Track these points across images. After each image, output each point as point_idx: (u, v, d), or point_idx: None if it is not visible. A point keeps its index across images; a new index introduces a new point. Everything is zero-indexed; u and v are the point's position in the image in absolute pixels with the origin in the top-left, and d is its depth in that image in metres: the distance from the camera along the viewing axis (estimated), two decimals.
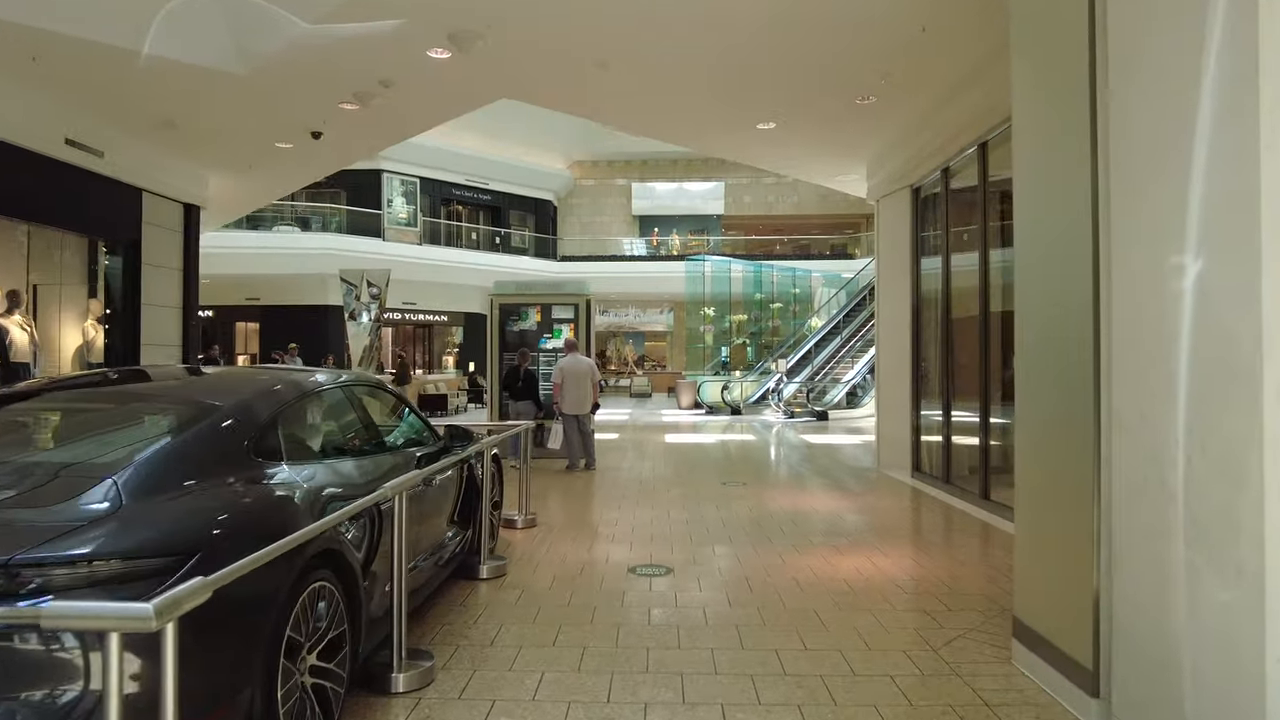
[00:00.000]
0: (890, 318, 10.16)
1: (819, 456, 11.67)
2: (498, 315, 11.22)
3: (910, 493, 8.60)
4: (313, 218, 26.14)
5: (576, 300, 11.16)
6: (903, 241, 9.73)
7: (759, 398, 21.05)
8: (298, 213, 26.21)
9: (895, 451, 9.91)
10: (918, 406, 9.48)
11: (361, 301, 20.52)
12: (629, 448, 12.69)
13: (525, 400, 10.49)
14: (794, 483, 9.31)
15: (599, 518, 7.24)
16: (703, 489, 8.72)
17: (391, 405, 4.74)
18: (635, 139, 29.57)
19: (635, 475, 9.74)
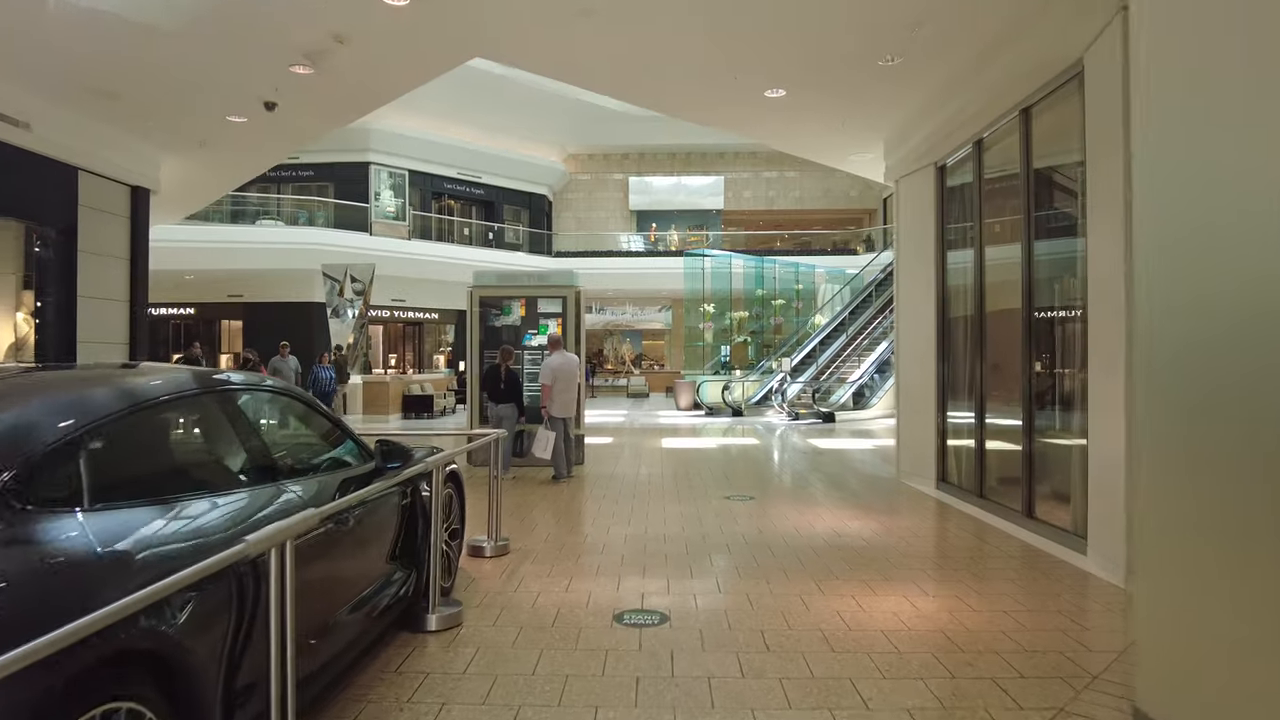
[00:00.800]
0: (911, 311, 9.10)
1: (830, 464, 10.61)
2: (477, 309, 10.16)
3: (938, 508, 7.54)
4: (300, 212, 25.07)
5: (564, 292, 10.10)
6: (925, 227, 8.67)
7: (761, 398, 19.99)
8: (283, 206, 25.15)
9: (917, 459, 8.85)
10: (944, 410, 8.43)
11: (345, 298, 19.49)
12: (623, 453, 11.62)
13: (507, 403, 9.43)
14: (805, 496, 8.25)
15: (583, 542, 6.18)
16: (703, 503, 7.66)
17: (303, 417, 3.66)
18: (632, 130, 28.54)
19: (628, 486, 8.67)
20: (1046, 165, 6.72)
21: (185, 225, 22.11)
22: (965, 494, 7.76)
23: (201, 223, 22.24)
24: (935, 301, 8.48)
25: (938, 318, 8.47)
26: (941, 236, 8.49)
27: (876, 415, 17.85)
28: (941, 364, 8.46)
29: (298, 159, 25.98)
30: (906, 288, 9.23)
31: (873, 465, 10.48)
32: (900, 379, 9.36)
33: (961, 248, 8.19)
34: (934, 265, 8.50)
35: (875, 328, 20.37)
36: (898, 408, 9.38)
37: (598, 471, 9.81)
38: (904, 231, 9.32)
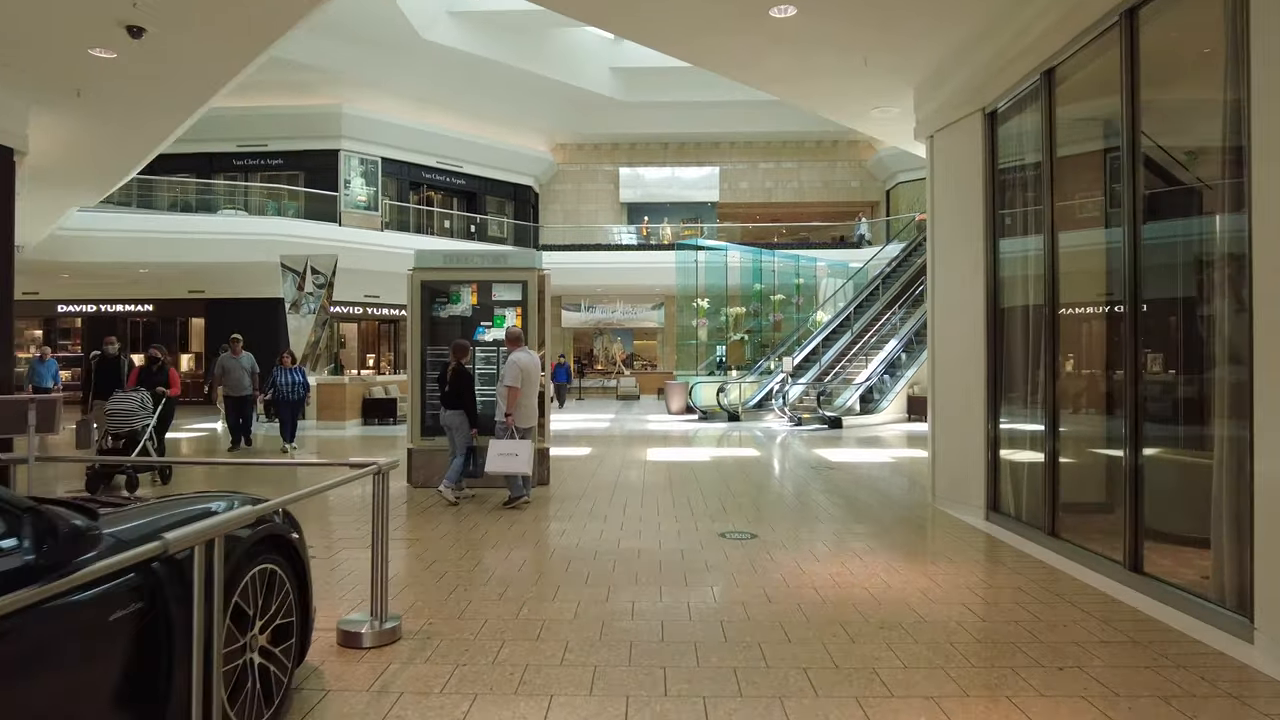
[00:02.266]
0: (951, 301, 7.24)
1: (845, 484, 8.74)
2: (419, 296, 8.28)
3: (995, 550, 5.67)
4: (269, 203, 23.15)
5: (524, 276, 8.23)
6: (970, 194, 6.82)
7: (759, 401, 18.14)
8: (250, 196, 23.22)
9: (959, 481, 7.00)
10: (995, 419, 6.57)
11: (305, 291, 17.59)
12: (599, 469, 9.74)
13: (456, 410, 7.57)
14: (821, 532, 6.37)
15: (514, 619, 4.30)
16: (690, 545, 5.79)
17: None
18: (622, 118, 26.68)
19: (596, 517, 6.80)
20: (1164, 99, 4.88)
21: (137, 214, 20.25)
22: (1029, 530, 5.90)
23: (155, 211, 20.39)
24: (984, 289, 6.62)
25: (988, 309, 6.61)
26: (992, 206, 6.63)
27: (886, 421, 16.00)
28: (993, 364, 6.61)
29: (266, 146, 24.17)
30: (944, 273, 7.37)
31: (897, 486, 8.62)
32: (935, 382, 7.51)
33: (1021, 221, 6.33)
34: (982, 244, 6.65)
35: (883, 324, 18.53)
36: (931, 416, 7.53)
37: (564, 493, 7.94)
38: (940, 203, 7.46)
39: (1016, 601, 4.47)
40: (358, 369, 25.09)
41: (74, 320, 23.89)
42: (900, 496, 7.84)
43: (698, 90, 25.82)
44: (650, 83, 25.68)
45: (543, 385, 7.88)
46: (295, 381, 11.49)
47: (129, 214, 19.61)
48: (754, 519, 6.71)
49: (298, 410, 11.65)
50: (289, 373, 11.51)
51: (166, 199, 22.19)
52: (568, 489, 8.19)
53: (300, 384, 11.59)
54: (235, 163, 24.08)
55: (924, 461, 10.45)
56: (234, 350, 11.54)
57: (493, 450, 7.14)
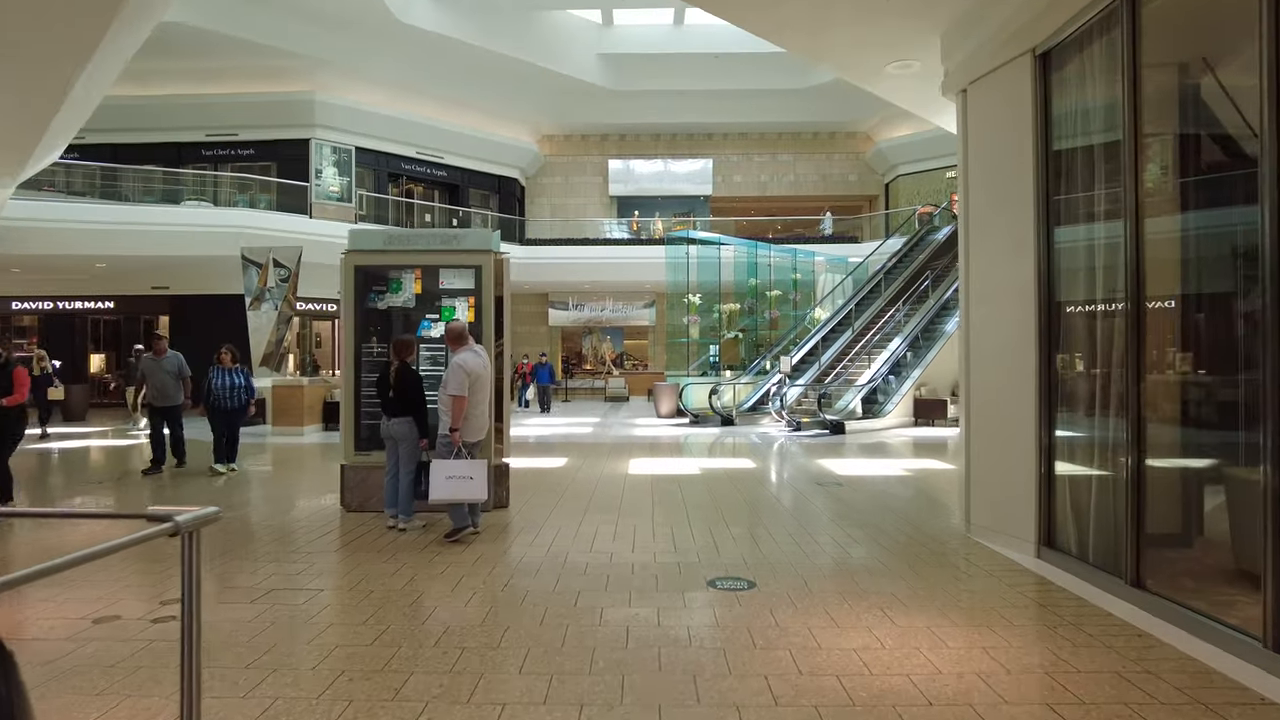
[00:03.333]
0: (989, 287, 5.89)
1: (858, 505, 7.38)
2: (353, 283, 6.91)
3: (1059, 603, 4.32)
4: (240, 196, 21.68)
5: (477, 260, 6.85)
6: (1015, 157, 5.48)
7: (755, 403, 16.78)
8: (220, 187, 21.76)
9: (1001, 508, 5.66)
10: (1051, 432, 5.22)
11: (267, 286, 16.17)
12: (571, 486, 8.37)
13: (401, 417, 6.21)
14: (835, 577, 5.01)
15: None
16: (671, 603, 4.42)
17: None
18: (612, 107, 25.24)
19: (555, 558, 5.43)
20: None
21: (91, 204, 18.79)
22: (1100, 576, 4.56)
23: (110, 201, 18.93)
24: (1035, 274, 5.27)
25: (1040, 297, 5.26)
26: (1045, 175, 5.28)
27: (892, 425, 14.66)
28: (1045, 361, 5.26)
29: (236, 136, 22.73)
30: (981, 255, 6.01)
31: (918, 508, 7.26)
32: (969, 382, 6.14)
33: (1088, 194, 4.99)
34: (1032, 221, 5.29)
35: (886, 321, 17.19)
36: (964, 424, 6.17)
37: (523, 521, 6.56)
38: (975, 172, 6.10)
39: (1123, 699, 3.12)
40: (334, 369, 23.68)
41: (31, 319, 22.42)
42: (925, 523, 6.48)
43: (689, 79, 24.47)
44: (640, 70, 24.32)
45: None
46: (233, 385, 9.22)
47: (82, 204, 18.19)
48: (751, 558, 5.35)
49: (237, 420, 9.31)
50: (226, 374, 9.25)
51: (132, 190, 20.75)
52: (529, 514, 6.82)
53: (240, 388, 9.26)
54: (205, 153, 22.63)
55: (943, 475, 9.13)
56: (157, 350, 9.34)
57: (437, 473, 5.77)
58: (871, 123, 26.39)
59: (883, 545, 5.69)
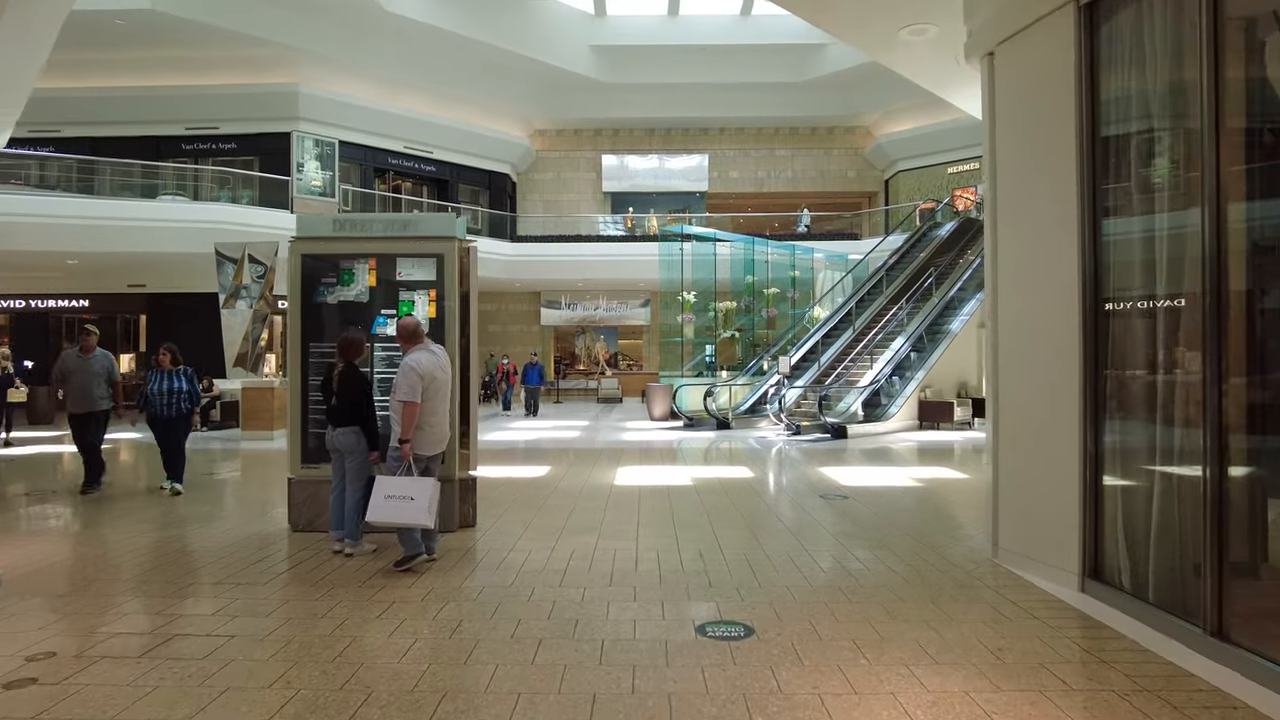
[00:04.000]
0: (1021, 276, 5.08)
1: (867, 523, 6.58)
2: (300, 274, 6.09)
3: (1119, 656, 3.52)
4: (223, 192, 20.82)
5: (439, 248, 6.03)
6: (1054, 128, 4.67)
7: (751, 405, 15.98)
8: (201, 182, 20.90)
9: (1035, 531, 4.86)
10: (1099, 443, 4.42)
11: (242, 283, 15.34)
12: (550, 501, 7.56)
13: (347, 426, 5.40)
14: (851, 620, 4.20)
15: None
16: (650, 658, 3.62)
17: None
18: (605, 101, 24.39)
19: (518, 593, 4.62)
20: None
21: (61, 198, 17.93)
22: (1168, 621, 3.76)
23: (80, 195, 18.07)
24: (1079, 261, 4.47)
25: (1085, 289, 4.46)
26: (1090, 148, 4.47)
27: (896, 429, 13.87)
28: (1092, 368, 4.45)
29: (217, 129, 21.88)
30: (1013, 246, 5.19)
31: (934, 526, 6.45)
32: (997, 382, 5.32)
33: (1146, 171, 4.19)
34: (1076, 201, 4.49)
35: (889, 320, 16.38)
36: (991, 432, 5.35)
37: (490, 542, 5.75)
38: (1004, 145, 5.29)
39: None
40: None
41: (1, 317, 21.56)
42: (943, 544, 5.68)
43: (684, 71, 23.67)
44: (633, 62, 23.51)
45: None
46: (173, 390, 7.74)
47: (49, 198, 17.34)
48: (749, 593, 4.54)
49: (181, 431, 7.87)
50: (165, 378, 7.79)
51: (111, 185, 19.89)
52: (498, 534, 6.00)
53: (181, 393, 7.79)
54: (185, 147, 21.78)
55: (955, 486, 8.33)
56: (84, 347, 7.90)
57: (379, 491, 4.95)
58: (871, 117, 25.60)
59: (899, 574, 4.88)
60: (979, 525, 6.27)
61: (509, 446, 12.17)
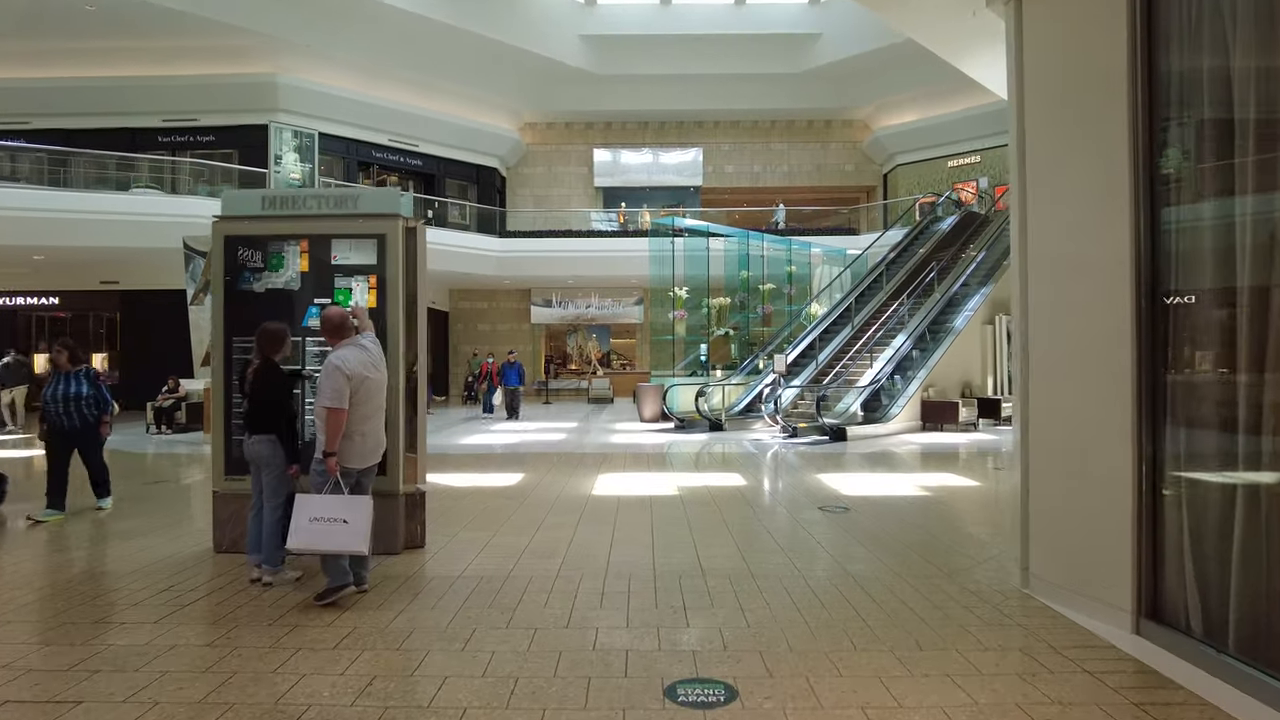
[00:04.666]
0: (1058, 259, 4.25)
1: (873, 538, 5.77)
2: (222, 259, 5.28)
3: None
4: (201, 186, 19.96)
5: (380, 228, 5.21)
6: (1099, 85, 3.88)
7: (746, 406, 15.17)
8: (179, 175, 20.05)
9: (1077, 559, 4.05)
10: (1156, 454, 3.61)
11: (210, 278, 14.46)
12: (515, 517, 6.74)
13: (263, 434, 4.58)
14: (856, 674, 3.39)
15: None
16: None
17: None
18: (598, 93, 23.51)
19: (455, 635, 3.80)
20: None
21: (26, 189, 17.09)
22: (1264, 684, 2.95)
23: (44, 187, 17.21)
24: (1133, 255, 3.66)
25: (1138, 280, 3.65)
26: (1146, 109, 3.66)
27: (897, 431, 13.07)
28: (1148, 368, 3.64)
29: (195, 121, 21.02)
30: (1046, 224, 4.36)
31: (950, 544, 5.64)
32: (1029, 392, 4.49)
33: (1220, 135, 3.39)
34: (1127, 171, 3.68)
35: (889, 317, 15.58)
36: (1020, 439, 4.53)
37: (436, 570, 4.92)
38: (1035, 107, 4.46)
39: None
40: None
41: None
42: (962, 569, 4.86)
43: (677, 62, 22.86)
44: (624, 52, 22.69)
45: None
46: (71, 395, 6.52)
47: (14, 189, 16.46)
48: (734, 636, 3.72)
49: (83, 444, 6.69)
50: (64, 380, 6.57)
51: (85, 179, 19.02)
52: (448, 558, 5.18)
53: (83, 398, 6.57)
54: (161, 139, 20.91)
55: (966, 495, 7.52)
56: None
57: (302, 512, 4.14)
58: (868, 110, 24.81)
59: (913, 609, 4.07)
60: (999, 542, 5.46)
61: (484, 452, 11.35)
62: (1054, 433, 4.27)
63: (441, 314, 24.68)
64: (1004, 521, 6.25)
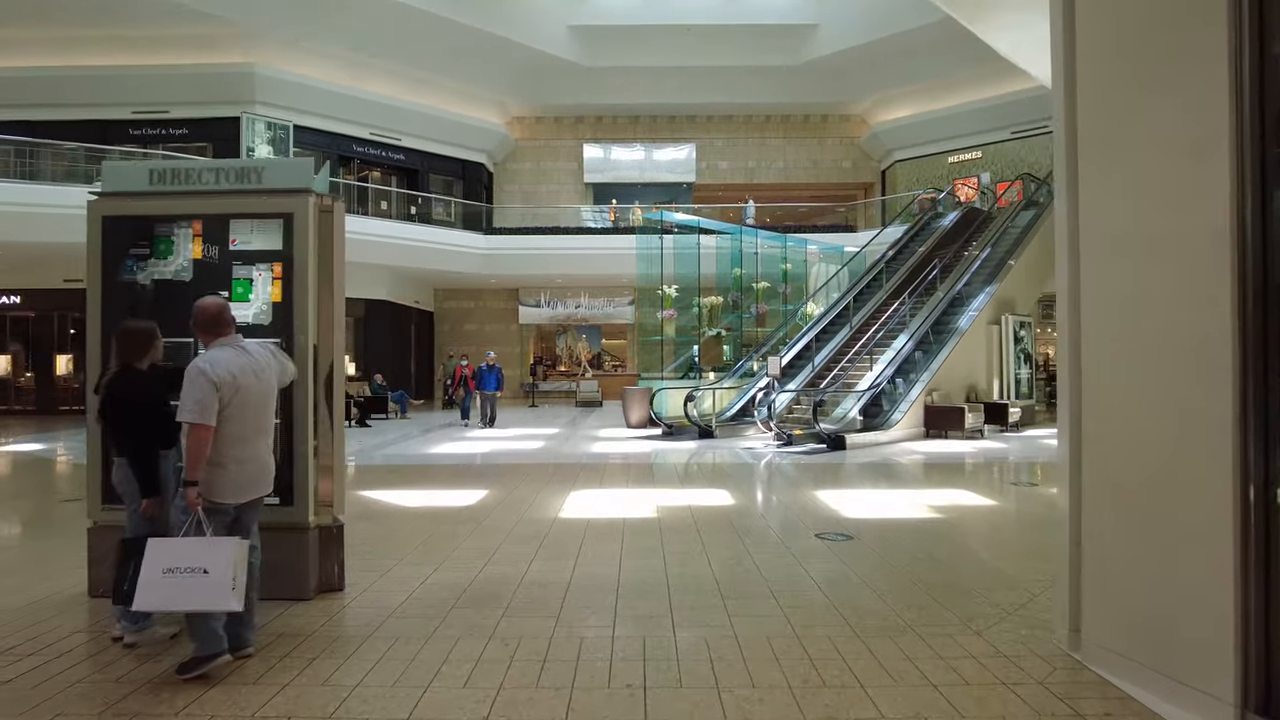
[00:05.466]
0: (1127, 242, 3.31)
1: (881, 579, 4.85)
2: (100, 244, 4.35)
3: None
4: None
5: (287, 206, 4.26)
6: (1194, 24, 2.94)
7: (738, 411, 14.26)
8: None
9: (1152, 624, 3.10)
10: (1269, 497, 2.67)
11: None
12: (465, 544, 5.80)
13: (120, 458, 3.66)
14: None
15: None
16: None
17: None
18: (588, 86, 22.53)
19: (357, 711, 2.85)
20: None
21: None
22: None
23: (14, 180, 16.21)
24: (1233, 230, 2.72)
25: (1241, 270, 2.72)
26: (1259, 44, 2.73)
27: (899, 438, 12.16)
28: (1258, 377, 2.71)
29: (167, 113, 20.06)
30: (1109, 196, 3.43)
31: (975, 584, 4.70)
32: (1080, 403, 3.55)
33: None
34: (1229, 134, 2.74)
35: (889, 317, 14.66)
36: (1071, 476, 3.59)
37: (348, 622, 3.98)
38: (1092, 48, 3.53)
39: None
40: None
41: None
42: (992, 623, 3.93)
43: (669, 54, 21.94)
44: (615, 44, 21.77)
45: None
46: None
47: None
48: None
49: None
50: None
51: (50, 172, 18.04)
52: (366, 606, 4.23)
53: None
54: (133, 132, 19.97)
55: (984, 518, 6.51)
56: None
57: (151, 562, 3.19)
58: (866, 104, 23.93)
59: (939, 688, 3.14)
60: (1028, 580, 4.55)
61: (450, 463, 10.39)
62: (1117, 458, 3.33)
63: (426, 314, 23.75)
64: (1031, 552, 5.33)
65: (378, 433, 14.34)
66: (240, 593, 3.18)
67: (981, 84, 21.28)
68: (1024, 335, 14.92)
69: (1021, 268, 15.13)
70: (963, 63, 20.79)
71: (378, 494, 7.63)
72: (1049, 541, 5.60)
